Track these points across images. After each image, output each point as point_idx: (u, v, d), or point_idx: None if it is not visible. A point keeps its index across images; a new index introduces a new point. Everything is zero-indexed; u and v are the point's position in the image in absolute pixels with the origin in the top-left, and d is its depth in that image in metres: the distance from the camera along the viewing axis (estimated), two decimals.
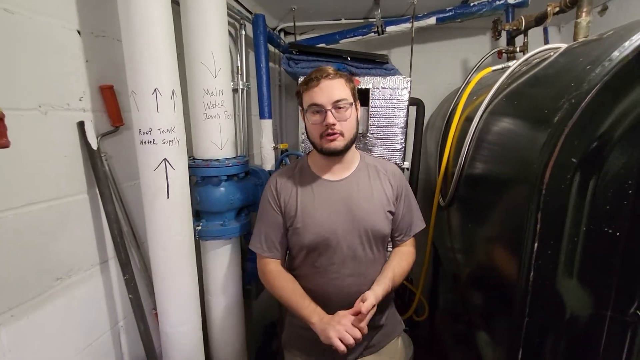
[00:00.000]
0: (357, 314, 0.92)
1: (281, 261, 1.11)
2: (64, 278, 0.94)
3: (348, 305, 0.99)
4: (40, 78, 0.85)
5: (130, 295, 1.09)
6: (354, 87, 1.02)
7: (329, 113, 0.95)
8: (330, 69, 0.99)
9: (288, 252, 1.15)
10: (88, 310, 1.02)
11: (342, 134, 0.98)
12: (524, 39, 1.68)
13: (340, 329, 0.89)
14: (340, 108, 0.96)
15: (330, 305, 1.01)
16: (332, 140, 0.97)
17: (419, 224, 1.18)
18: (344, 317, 0.92)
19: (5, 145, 0.57)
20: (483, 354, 1.04)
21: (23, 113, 0.81)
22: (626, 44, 0.60)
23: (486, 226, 1.01)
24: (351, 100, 0.99)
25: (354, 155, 1.10)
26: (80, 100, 0.95)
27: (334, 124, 0.95)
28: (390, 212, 1.09)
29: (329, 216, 1.02)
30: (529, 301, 0.72)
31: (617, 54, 0.60)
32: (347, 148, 1.01)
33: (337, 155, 1.02)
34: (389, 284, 1.01)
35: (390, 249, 1.21)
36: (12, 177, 0.79)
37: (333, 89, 0.95)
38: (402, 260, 1.12)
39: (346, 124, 0.98)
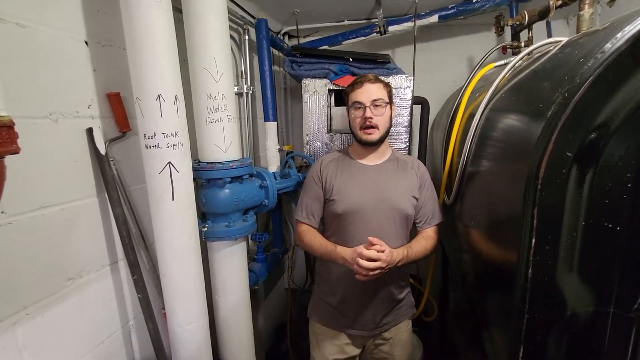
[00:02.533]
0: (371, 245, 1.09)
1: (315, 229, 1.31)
2: (76, 278, 0.98)
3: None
4: (50, 87, 0.89)
5: (139, 295, 1.12)
6: (390, 91, 1.27)
7: (368, 109, 1.19)
8: (372, 75, 1.25)
9: (323, 224, 1.35)
10: (99, 310, 1.06)
11: (377, 128, 1.20)
12: (529, 34, 1.66)
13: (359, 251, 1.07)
14: (377, 106, 1.20)
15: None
16: (370, 134, 1.21)
17: (438, 216, 1.33)
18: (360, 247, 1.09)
19: (16, 151, 0.61)
20: (488, 353, 1.03)
21: (35, 121, 0.86)
22: (619, 35, 0.59)
23: (487, 223, 1.00)
24: (387, 100, 1.22)
25: (387, 148, 1.33)
26: (88, 107, 1.00)
27: (371, 118, 1.19)
28: (414, 197, 1.27)
29: (362, 192, 1.23)
30: (529, 298, 0.72)
31: (610, 46, 0.59)
32: (381, 140, 1.24)
33: (373, 145, 1.25)
34: (405, 252, 1.17)
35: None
36: (25, 182, 0.83)
37: (372, 90, 1.20)
38: (421, 239, 1.28)
39: (381, 118, 1.21)
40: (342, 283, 1.25)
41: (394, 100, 1.68)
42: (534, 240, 0.69)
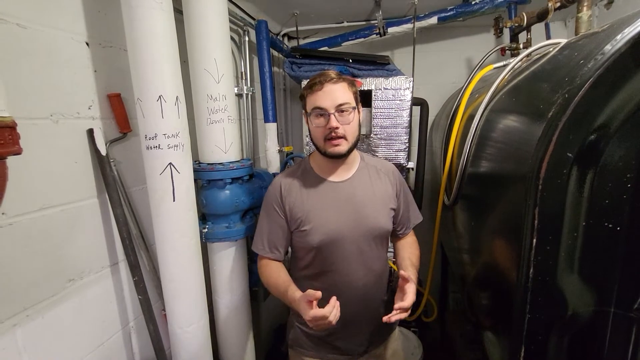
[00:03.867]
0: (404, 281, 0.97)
1: (280, 262, 1.14)
2: (76, 279, 0.97)
3: (358, 299, 1.08)
4: (51, 88, 0.89)
5: (139, 297, 1.12)
6: (356, 91, 1.04)
7: (332, 117, 0.97)
8: (333, 72, 1.01)
9: (292, 254, 1.19)
10: (100, 311, 1.05)
11: (345, 138, 1.00)
12: (527, 36, 1.67)
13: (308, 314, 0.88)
14: (343, 112, 0.99)
15: (341, 301, 1.01)
16: (336, 145, 1.00)
17: (418, 216, 1.24)
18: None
19: (17, 152, 0.61)
20: (489, 354, 1.03)
21: (36, 122, 0.86)
22: (618, 37, 0.59)
23: (488, 224, 1.01)
24: (354, 104, 1.01)
25: (355, 156, 1.13)
26: (89, 108, 1.00)
27: (337, 128, 0.98)
28: (392, 208, 1.14)
29: (336, 216, 1.05)
30: (530, 298, 0.72)
31: (610, 48, 0.60)
32: (350, 151, 1.04)
33: (341, 158, 1.05)
34: (414, 271, 1.09)
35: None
36: (26, 183, 0.83)
37: (336, 93, 0.98)
38: (412, 249, 1.19)
39: (349, 127, 1.00)
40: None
41: (394, 102, 1.70)
42: (535, 240, 0.69)
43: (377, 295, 1.15)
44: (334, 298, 0.91)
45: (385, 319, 0.93)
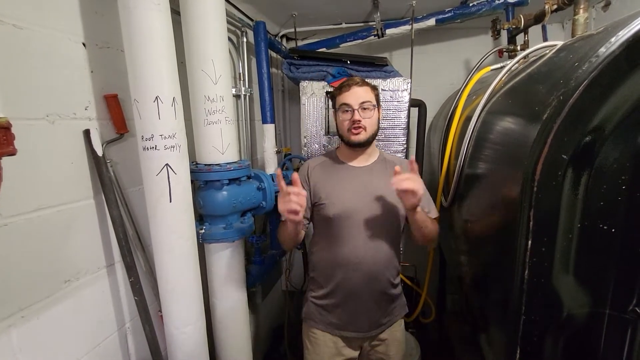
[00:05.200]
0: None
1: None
2: (72, 280, 0.97)
3: (363, 275, 1.19)
4: (47, 89, 0.89)
5: (136, 298, 1.12)
6: (377, 94, 1.24)
7: (356, 112, 1.17)
8: (359, 78, 1.22)
9: (312, 231, 1.34)
10: (96, 312, 1.05)
11: (365, 129, 1.18)
12: (525, 37, 1.68)
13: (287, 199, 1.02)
14: (365, 108, 1.18)
15: (348, 273, 1.19)
16: (357, 134, 1.18)
17: (435, 211, 1.29)
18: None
19: (12, 152, 0.60)
20: (485, 355, 1.03)
21: (32, 122, 0.85)
22: (613, 39, 0.60)
23: (484, 225, 1.01)
24: (375, 102, 1.21)
25: (374, 150, 1.31)
26: (86, 109, 0.99)
27: (359, 120, 1.17)
28: None
29: (352, 194, 1.21)
30: (525, 299, 0.72)
31: (604, 50, 0.60)
32: (369, 141, 1.22)
33: (361, 146, 1.22)
34: (425, 215, 1.17)
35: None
36: (22, 184, 0.83)
37: (360, 93, 1.18)
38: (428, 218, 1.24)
39: (369, 120, 1.19)
40: (338, 288, 1.23)
41: (392, 103, 1.70)
42: (530, 242, 0.70)
43: (384, 278, 1.22)
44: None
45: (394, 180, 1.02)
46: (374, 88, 1.23)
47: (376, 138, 1.67)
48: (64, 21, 0.93)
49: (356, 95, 1.17)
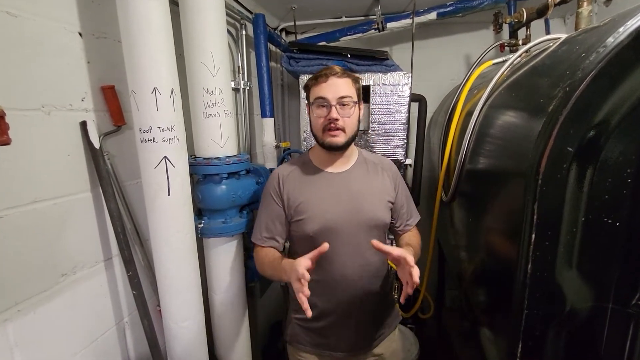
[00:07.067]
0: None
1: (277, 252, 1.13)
2: (69, 274, 0.96)
3: (353, 292, 1.07)
4: (43, 79, 0.87)
5: (134, 292, 1.11)
6: (359, 88, 1.07)
7: (333, 108, 1.00)
8: (338, 68, 1.05)
9: (290, 249, 1.19)
10: (93, 306, 1.04)
11: (343, 130, 1.02)
12: (527, 32, 1.66)
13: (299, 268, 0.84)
14: (344, 105, 1.01)
15: (336, 292, 1.07)
16: (334, 136, 1.02)
17: (416, 214, 1.23)
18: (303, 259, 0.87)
19: (6, 142, 0.59)
20: (486, 351, 1.03)
21: (27, 113, 0.83)
22: (621, 29, 0.58)
23: (485, 220, 1.00)
24: (355, 99, 1.04)
25: (353, 151, 1.15)
26: (82, 100, 0.98)
27: (337, 119, 1.00)
28: (390, 202, 1.13)
29: (333, 206, 1.06)
30: (528, 293, 0.72)
31: (612, 40, 0.59)
32: (347, 144, 1.06)
33: (338, 150, 1.07)
34: (412, 251, 1.02)
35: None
36: (17, 176, 0.81)
37: (340, 86, 1.01)
38: (412, 236, 1.17)
39: (348, 120, 1.03)
40: (327, 312, 1.10)
41: (392, 98, 1.68)
42: (533, 235, 0.69)
43: (374, 293, 1.13)
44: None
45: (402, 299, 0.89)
46: (356, 80, 1.06)
47: (376, 133, 1.64)
48: (59, 9, 0.91)
49: (334, 87, 1.00)
